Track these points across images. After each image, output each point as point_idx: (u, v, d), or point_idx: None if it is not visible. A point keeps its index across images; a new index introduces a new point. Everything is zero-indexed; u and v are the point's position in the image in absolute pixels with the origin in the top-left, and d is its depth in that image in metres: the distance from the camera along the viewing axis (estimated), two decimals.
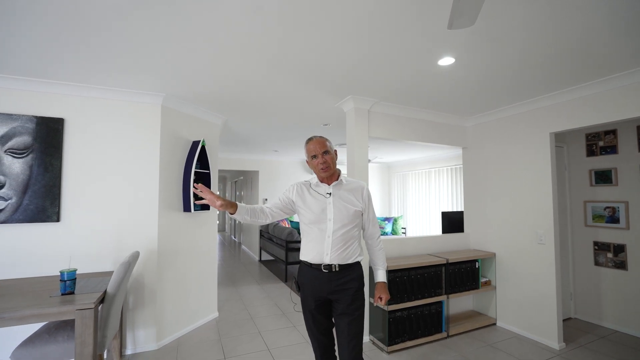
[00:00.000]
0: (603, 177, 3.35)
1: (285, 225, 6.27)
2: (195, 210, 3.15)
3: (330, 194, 1.69)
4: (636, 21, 1.69)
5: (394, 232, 7.08)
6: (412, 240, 3.35)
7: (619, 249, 3.21)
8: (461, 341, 2.97)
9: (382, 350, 2.77)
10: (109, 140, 2.73)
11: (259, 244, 7.02)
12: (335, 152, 1.74)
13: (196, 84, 2.63)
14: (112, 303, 2.09)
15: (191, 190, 3.04)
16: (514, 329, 3.17)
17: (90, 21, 1.69)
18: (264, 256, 6.99)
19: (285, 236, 5.42)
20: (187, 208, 3.08)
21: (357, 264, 1.71)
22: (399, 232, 7.10)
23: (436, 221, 6.54)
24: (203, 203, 1.53)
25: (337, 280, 1.64)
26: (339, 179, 1.73)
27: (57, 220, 2.53)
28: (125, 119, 2.78)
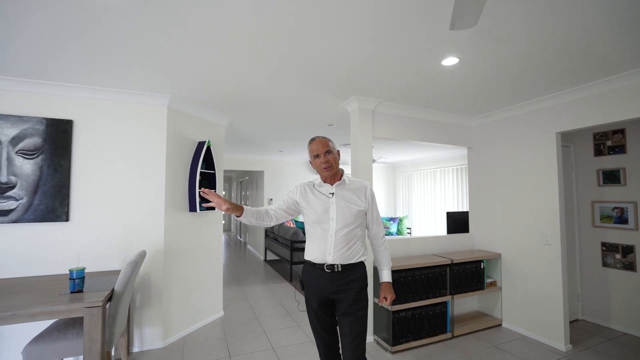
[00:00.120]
0: (611, 177, 3.30)
1: (290, 225, 6.29)
2: (200, 210, 3.18)
3: (333, 194, 1.70)
4: (638, 21, 1.67)
5: (399, 232, 7.06)
6: (416, 241, 3.35)
7: (628, 250, 3.17)
8: (466, 342, 2.96)
9: (387, 350, 2.77)
10: (116, 141, 2.78)
11: (264, 243, 7.06)
12: (338, 152, 1.75)
13: (202, 86, 2.66)
14: (119, 301, 2.12)
15: (197, 191, 3.08)
16: (519, 330, 3.14)
17: (98, 25, 1.73)
18: (269, 256, 7.02)
19: (290, 236, 5.44)
20: (192, 208, 3.11)
21: (360, 264, 1.71)
22: (404, 232, 7.07)
23: (441, 221, 6.51)
24: (210, 206, 1.55)
25: (340, 280, 1.64)
26: (342, 179, 1.73)
27: (67, 219, 2.58)
28: (132, 120, 2.83)
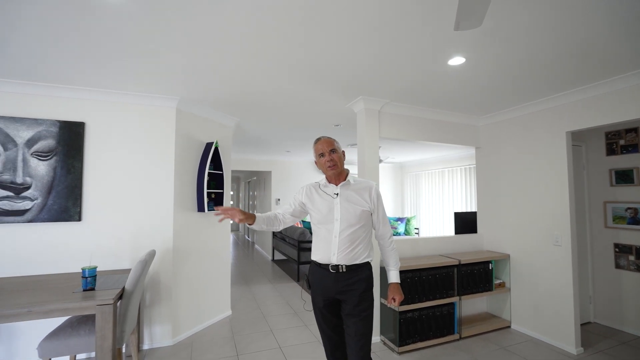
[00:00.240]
0: (624, 176, 3.23)
1: (298, 225, 6.32)
2: (209, 210, 3.23)
3: (337, 194, 1.70)
4: None
5: (406, 232, 7.02)
6: (423, 241, 3.33)
7: None
8: (474, 343, 2.94)
9: (393, 350, 2.77)
10: (126, 143, 2.84)
11: (271, 243, 7.10)
12: (343, 152, 1.76)
13: (209, 88, 2.70)
14: (130, 299, 2.17)
15: (205, 192, 3.12)
16: (529, 332, 3.10)
17: (108, 30, 1.78)
18: (277, 256, 7.07)
19: (298, 236, 5.47)
20: (201, 208, 3.16)
21: (366, 264, 1.70)
22: (412, 233, 7.04)
23: (450, 222, 6.45)
24: (224, 218, 1.57)
25: (345, 281, 1.65)
26: (347, 179, 1.73)
27: (79, 219, 2.65)
28: (142, 122, 2.89)
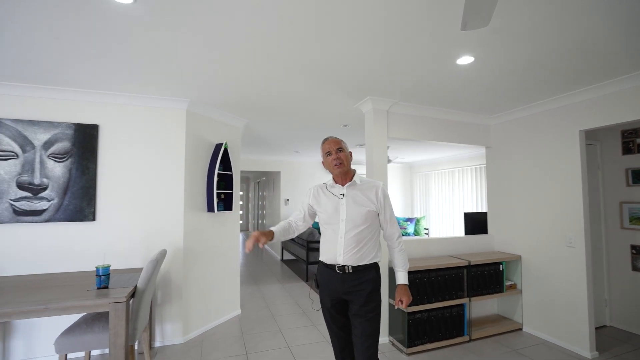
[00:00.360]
0: None
1: None
2: (218, 210, 3.27)
3: (343, 194, 1.70)
4: None
5: (416, 232, 6.96)
6: (432, 241, 3.30)
7: None
8: (484, 345, 2.90)
9: (402, 351, 2.75)
10: (138, 144, 2.90)
11: (280, 243, 7.14)
12: (350, 153, 1.76)
13: (218, 89, 2.74)
14: (142, 298, 2.22)
15: (214, 192, 3.17)
16: (541, 335, 3.04)
17: (121, 35, 1.82)
18: (286, 255, 7.10)
19: (306, 236, 5.49)
20: (210, 208, 3.21)
21: (373, 265, 1.69)
22: (421, 233, 6.97)
23: (460, 222, 6.37)
24: (253, 247, 1.57)
25: (351, 282, 1.64)
26: (353, 179, 1.73)
27: (93, 219, 2.72)
28: (153, 123, 2.95)
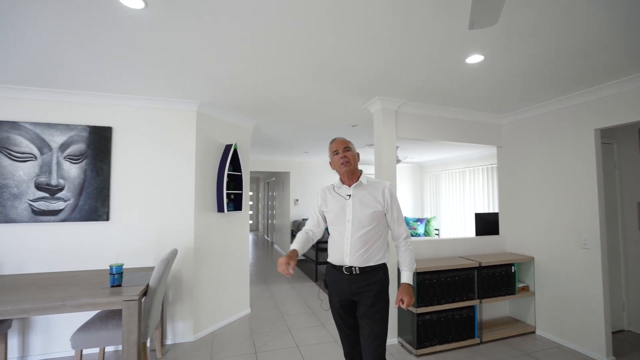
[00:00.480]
0: None
1: None
2: (228, 210, 3.31)
3: (350, 195, 1.70)
4: None
5: (426, 233, 6.90)
6: (442, 242, 3.27)
7: None
8: (496, 348, 2.85)
9: (411, 353, 2.74)
10: (150, 146, 2.96)
11: (290, 244, 7.17)
12: (358, 154, 1.76)
13: (228, 91, 2.77)
14: (153, 296, 2.27)
15: (224, 192, 3.21)
16: (555, 338, 2.97)
17: (131, 39, 1.87)
18: None
19: None
20: (220, 209, 3.25)
21: (380, 266, 1.68)
22: (432, 234, 6.90)
23: (471, 223, 6.28)
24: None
25: (358, 283, 1.64)
26: (359, 179, 1.73)
27: (107, 219, 2.79)
28: (165, 125, 3.00)
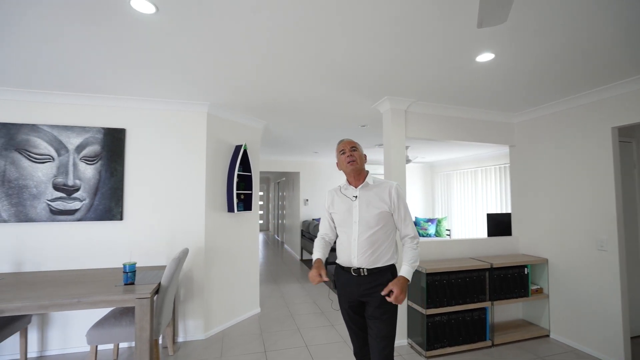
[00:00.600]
0: None
1: None
2: (238, 210, 3.35)
3: (356, 197, 1.70)
4: None
5: (437, 234, 6.81)
6: (453, 243, 3.23)
7: None
8: (508, 351, 2.80)
9: (420, 354, 2.71)
10: (162, 147, 3.02)
11: (300, 244, 7.20)
12: (365, 156, 1.76)
13: (238, 93, 2.81)
14: (165, 294, 2.32)
15: (234, 193, 3.25)
16: (570, 342, 2.90)
17: (142, 42, 1.91)
18: (305, 255, 7.15)
19: None
20: (230, 209, 3.29)
21: (389, 268, 1.67)
22: (443, 234, 6.82)
23: (483, 223, 6.17)
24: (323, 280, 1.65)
25: (367, 284, 1.63)
26: (365, 180, 1.72)
27: (121, 219, 2.86)
28: (176, 126, 3.06)
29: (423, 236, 6.66)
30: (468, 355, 2.74)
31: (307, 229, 6.58)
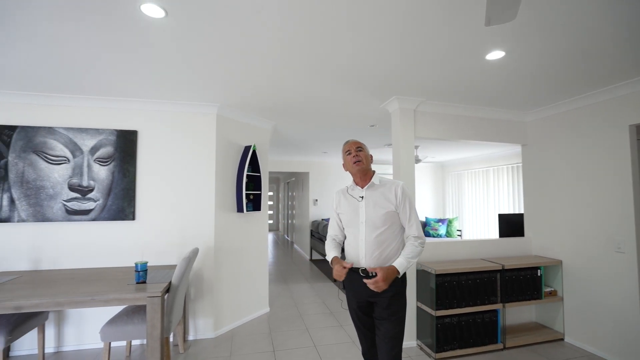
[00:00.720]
0: None
1: None
2: (247, 210, 3.38)
3: (362, 197, 1.70)
4: None
5: (448, 234, 6.72)
6: (463, 244, 3.18)
7: None
8: (520, 355, 2.74)
9: (430, 356, 2.68)
10: (173, 148, 3.08)
11: (309, 244, 7.22)
12: (371, 156, 1.75)
13: (248, 95, 2.83)
14: (176, 293, 2.36)
15: (244, 193, 3.28)
16: (585, 346, 2.82)
17: (153, 46, 1.95)
18: (315, 255, 7.16)
19: None
20: (240, 209, 3.32)
21: None
22: (454, 235, 6.72)
23: (495, 224, 6.06)
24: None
25: None
26: (371, 180, 1.71)
27: (133, 218, 2.93)
28: (186, 128, 3.11)
29: (433, 237, 6.58)
30: (479, 357, 2.70)
31: (317, 229, 6.59)
